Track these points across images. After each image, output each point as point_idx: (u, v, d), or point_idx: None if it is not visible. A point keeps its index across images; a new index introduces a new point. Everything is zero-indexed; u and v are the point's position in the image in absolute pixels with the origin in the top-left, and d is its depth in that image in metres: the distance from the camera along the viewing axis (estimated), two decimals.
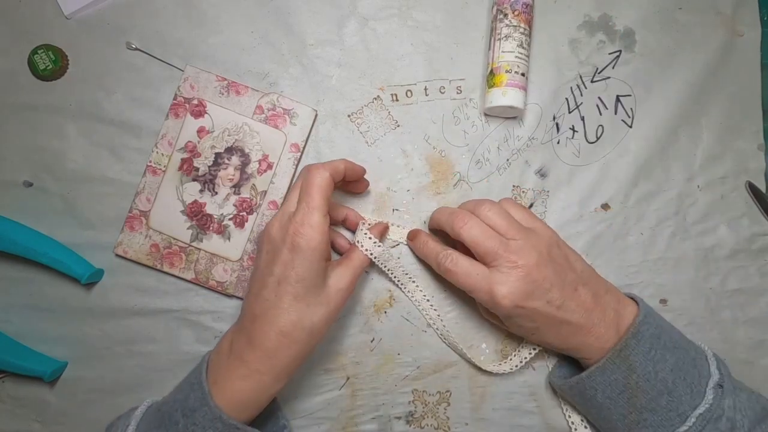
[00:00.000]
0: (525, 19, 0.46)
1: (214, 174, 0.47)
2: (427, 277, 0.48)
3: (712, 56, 0.50)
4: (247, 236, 0.47)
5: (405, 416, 0.47)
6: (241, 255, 0.47)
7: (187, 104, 0.47)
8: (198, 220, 0.47)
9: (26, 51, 0.47)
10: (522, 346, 0.47)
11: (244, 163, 0.47)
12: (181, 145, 0.47)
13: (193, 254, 0.47)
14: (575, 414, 0.46)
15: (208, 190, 0.47)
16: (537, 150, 0.49)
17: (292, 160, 0.47)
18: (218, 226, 0.47)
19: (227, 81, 0.47)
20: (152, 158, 0.47)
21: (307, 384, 0.47)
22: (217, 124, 0.47)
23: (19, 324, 0.47)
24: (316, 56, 0.49)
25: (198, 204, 0.47)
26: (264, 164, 0.47)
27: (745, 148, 0.50)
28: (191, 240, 0.47)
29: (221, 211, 0.47)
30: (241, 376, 0.37)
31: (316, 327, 0.38)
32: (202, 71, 0.47)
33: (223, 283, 0.47)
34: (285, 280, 0.37)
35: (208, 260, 0.47)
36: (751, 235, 0.49)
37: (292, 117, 0.47)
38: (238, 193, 0.47)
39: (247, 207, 0.47)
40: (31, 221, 0.47)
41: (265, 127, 0.47)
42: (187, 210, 0.47)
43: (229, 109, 0.47)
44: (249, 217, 0.47)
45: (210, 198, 0.47)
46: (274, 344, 0.37)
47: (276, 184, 0.47)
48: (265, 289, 0.37)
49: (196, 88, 0.47)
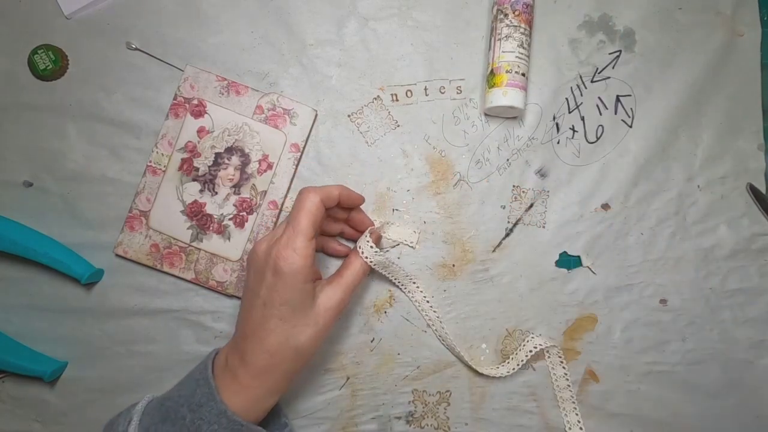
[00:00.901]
0: (525, 19, 0.46)
1: (214, 174, 0.47)
2: (427, 277, 0.48)
3: (712, 56, 0.50)
4: (246, 236, 0.47)
5: (405, 416, 0.47)
6: (241, 255, 0.47)
7: (187, 104, 0.47)
8: (198, 220, 0.47)
9: (26, 51, 0.47)
10: (520, 349, 0.47)
11: (244, 163, 0.47)
12: (181, 145, 0.47)
13: (193, 254, 0.47)
14: (572, 414, 0.46)
15: (208, 190, 0.47)
16: (537, 150, 0.49)
17: (292, 160, 0.47)
18: (218, 226, 0.47)
19: (227, 81, 0.47)
20: (152, 158, 0.47)
21: (307, 384, 0.47)
22: (217, 124, 0.47)
23: (19, 324, 0.47)
24: (316, 56, 0.49)
25: (198, 204, 0.47)
26: (264, 164, 0.47)
27: (745, 148, 0.50)
28: (191, 240, 0.47)
29: (221, 211, 0.47)
30: (235, 391, 0.37)
31: (303, 346, 0.38)
32: (202, 71, 0.47)
33: (223, 283, 0.47)
34: (270, 302, 0.37)
35: (208, 260, 0.47)
36: (751, 235, 0.49)
37: (292, 117, 0.47)
38: (238, 193, 0.47)
39: (247, 207, 0.47)
40: (31, 221, 0.47)
41: (265, 127, 0.47)
42: (187, 210, 0.47)
43: (229, 109, 0.47)
44: (249, 217, 0.47)
45: (210, 198, 0.47)
46: (263, 363, 0.37)
47: (276, 184, 0.47)
48: (253, 310, 0.38)
49: (196, 88, 0.47)
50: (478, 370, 0.46)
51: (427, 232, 0.48)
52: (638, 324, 0.48)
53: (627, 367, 0.48)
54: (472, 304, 0.48)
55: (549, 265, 0.48)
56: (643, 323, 0.48)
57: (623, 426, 0.47)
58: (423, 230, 0.48)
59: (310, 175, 0.48)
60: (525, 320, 0.48)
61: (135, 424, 0.37)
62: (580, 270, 0.48)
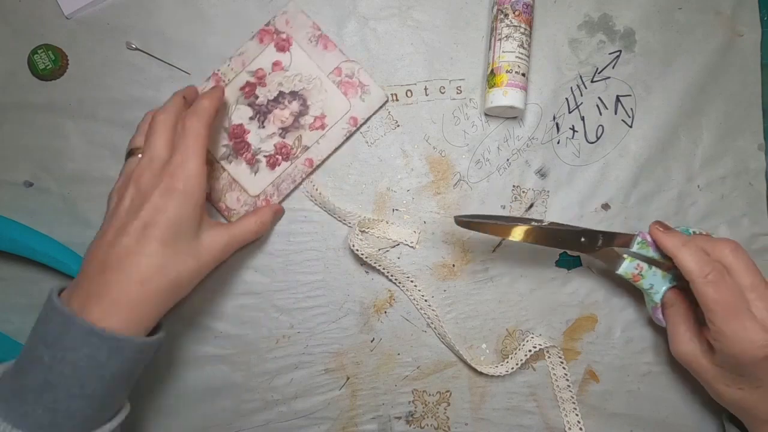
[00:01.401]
0: (525, 19, 0.46)
1: (270, 109, 0.47)
2: (427, 277, 0.48)
3: (712, 56, 0.50)
4: (272, 179, 0.47)
5: (405, 416, 0.47)
6: (259, 194, 0.47)
7: (275, 35, 0.47)
8: (236, 143, 0.47)
9: (26, 51, 0.47)
10: (519, 348, 0.47)
11: (302, 112, 0.47)
12: (253, 69, 0.47)
13: (217, 171, 0.47)
14: (572, 414, 0.46)
15: (258, 121, 0.47)
16: (537, 150, 0.49)
17: (345, 131, 0.48)
18: (251, 156, 0.47)
19: (321, 32, 0.47)
20: (221, 68, 0.47)
21: (307, 384, 0.47)
22: (293, 66, 0.47)
23: (19, 324, 0.47)
24: None
25: (242, 128, 0.47)
26: (318, 122, 0.47)
27: (745, 148, 0.50)
28: (221, 157, 0.47)
29: (260, 145, 0.47)
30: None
31: (182, 278, 0.36)
32: (301, 13, 0.47)
33: (231, 210, 0.47)
34: (153, 224, 0.35)
35: (228, 183, 0.47)
36: (751, 235, 0.49)
37: (364, 93, 0.48)
38: (283, 137, 0.47)
39: (285, 153, 0.47)
40: (31, 221, 0.47)
41: (335, 90, 0.47)
42: (230, 129, 0.47)
43: (311, 58, 0.47)
44: (283, 163, 0.47)
45: (256, 128, 0.47)
46: (133, 295, 0.33)
47: (320, 145, 0.47)
48: (125, 236, 0.35)
49: (290, 24, 0.47)
50: (476, 368, 0.46)
51: (427, 232, 0.48)
52: (638, 324, 0.48)
53: (627, 367, 0.48)
54: (472, 304, 0.48)
55: (549, 265, 0.48)
56: (643, 323, 0.48)
57: (623, 426, 0.47)
58: (423, 230, 0.48)
59: None
60: (525, 320, 0.48)
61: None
62: (580, 270, 0.48)
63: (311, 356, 0.47)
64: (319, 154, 0.47)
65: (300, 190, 0.48)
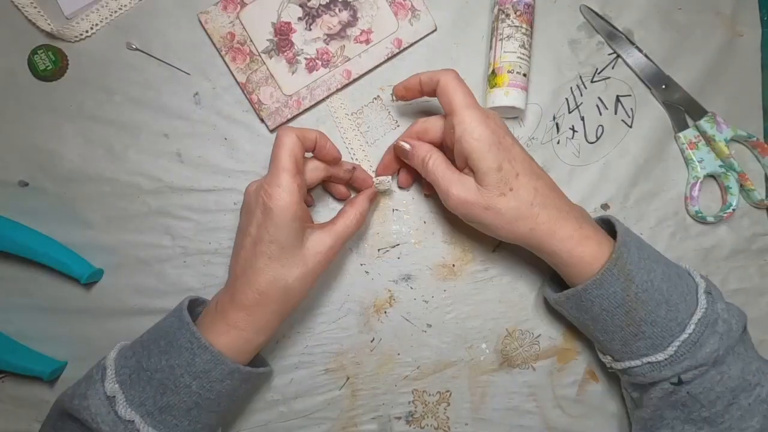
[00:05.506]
0: (527, 19, 0.46)
1: (320, 14, 0.47)
2: (427, 277, 0.48)
3: (712, 56, 0.50)
4: (308, 82, 0.47)
5: (405, 416, 0.47)
6: (293, 93, 0.47)
7: None
8: (280, 39, 0.47)
9: (26, 51, 0.47)
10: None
11: (350, 23, 0.48)
12: None
13: (256, 63, 0.47)
14: None
15: (306, 23, 0.47)
16: (537, 150, 0.49)
17: (387, 51, 0.48)
18: (292, 56, 0.47)
19: None
20: None
21: (307, 384, 0.47)
22: None
23: (19, 324, 0.47)
24: None
25: (289, 27, 0.47)
26: (364, 36, 0.48)
27: (745, 148, 0.50)
28: (263, 51, 0.47)
29: (303, 47, 0.47)
30: (221, 331, 0.38)
31: (292, 286, 0.39)
32: None
33: (263, 105, 0.47)
34: (260, 240, 0.38)
35: (264, 78, 0.47)
36: (751, 235, 0.49)
37: (414, 17, 0.48)
38: (327, 43, 0.48)
39: (326, 59, 0.48)
40: (30, 221, 0.47)
41: (387, 8, 0.48)
42: (277, 25, 0.47)
43: None
44: (321, 69, 0.48)
45: (302, 29, 0.47)
46: (252, 302, 0.38)
47: (361, 59, 0.48)
48: (243, 250, 0.39)
49: None
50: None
51: (427, 231, 0.48)
52: None
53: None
54: (472, 304, 0.48)
55: (549, 265, 0.48)
56: None
57: (623, 426, 0.47)
58: (423, 230, 0.48)
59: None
60: (525, 320, 0.48)
61: (122, 400, 0.36)
62: None
63: (311, 356, 0.47)
64: (359, 68, 0.48)
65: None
